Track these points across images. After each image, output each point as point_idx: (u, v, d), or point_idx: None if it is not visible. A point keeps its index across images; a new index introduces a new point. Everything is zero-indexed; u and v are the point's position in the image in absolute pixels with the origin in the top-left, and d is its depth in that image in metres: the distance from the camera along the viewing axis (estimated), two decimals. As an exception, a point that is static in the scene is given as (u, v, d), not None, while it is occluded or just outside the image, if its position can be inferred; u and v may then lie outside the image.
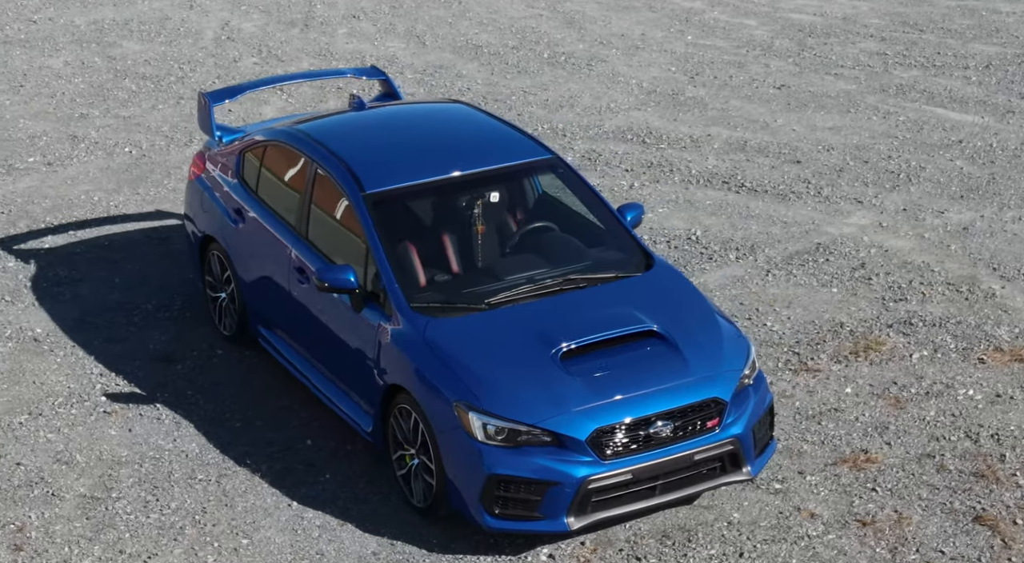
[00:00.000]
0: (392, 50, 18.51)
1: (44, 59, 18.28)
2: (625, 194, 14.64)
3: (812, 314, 12.47)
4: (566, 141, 15.79)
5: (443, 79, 17.57)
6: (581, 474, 9.42)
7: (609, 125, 16.27)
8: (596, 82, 17.51)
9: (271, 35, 19.07)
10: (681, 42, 18.88)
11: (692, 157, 15.48)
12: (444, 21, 19.51)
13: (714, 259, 13.39)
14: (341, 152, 10.93)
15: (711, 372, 9.81)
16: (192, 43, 18.82)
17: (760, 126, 16.28)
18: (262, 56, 18.36)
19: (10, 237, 13.95)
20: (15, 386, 11.55)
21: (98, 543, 9.79)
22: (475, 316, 10.05)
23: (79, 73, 17.84)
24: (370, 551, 9.73)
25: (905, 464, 10.57)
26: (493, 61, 18.16)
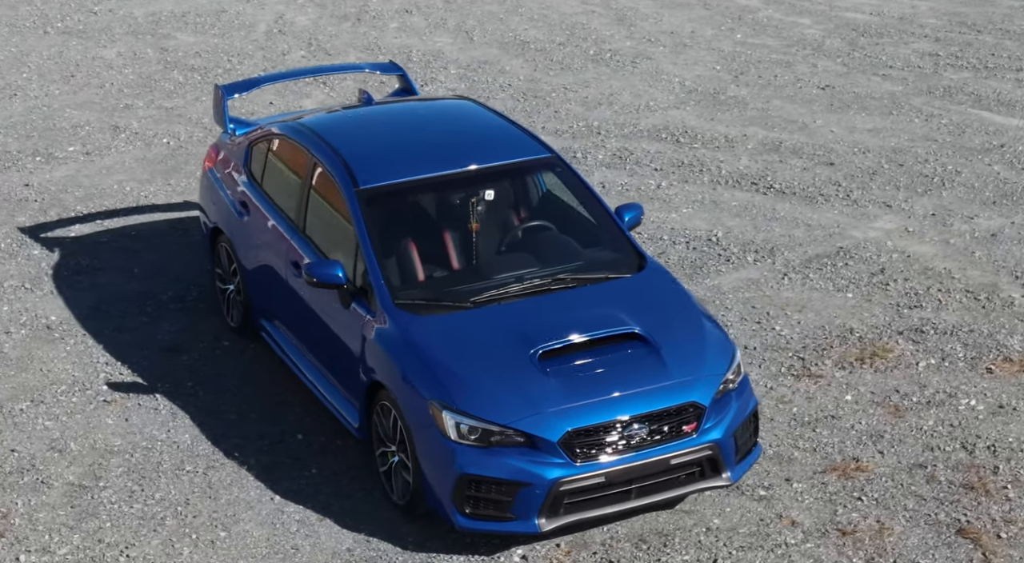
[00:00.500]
0: (439, 45, 18.55)
1: (98, 50, 18.51)
2: (652, 193, 14.57)
3: (823, 319, 12.34)
4: (599, 139, 15.74)
5: (485, 75, 17.58)
6: (552, 476, 9.39)
7: (645, 123, 16.19)
8: (638, 80, 17.43)
9: (322, 29, 19.17)
10: (730, 40, 18.74)
11: (724, 157, 15.37)
12: (496, 17, 19.52)
13: (731, 261, 13.29)
14: (339, 147, 10.97)
15: (691, 376, 9.74)
16: (244, 36, 18.98)
17: (798, 127, 16.12)
18: (311, 50, 18.47)
19: (39, 225, 14.15)
20: (22, 373, 11.72)
21: (79, 532, 9.91)
22: (459, 314, 10.05)
23: (130, 64, 18.04)
24: (345, 547, 9.77)
25: (895, 474, 10.44)
26: (538, 57, 18.14)
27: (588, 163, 15.24)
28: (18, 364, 11.84)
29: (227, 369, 11.78)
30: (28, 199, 14.67)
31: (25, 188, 14.89)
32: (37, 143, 15.86)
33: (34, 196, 14.73)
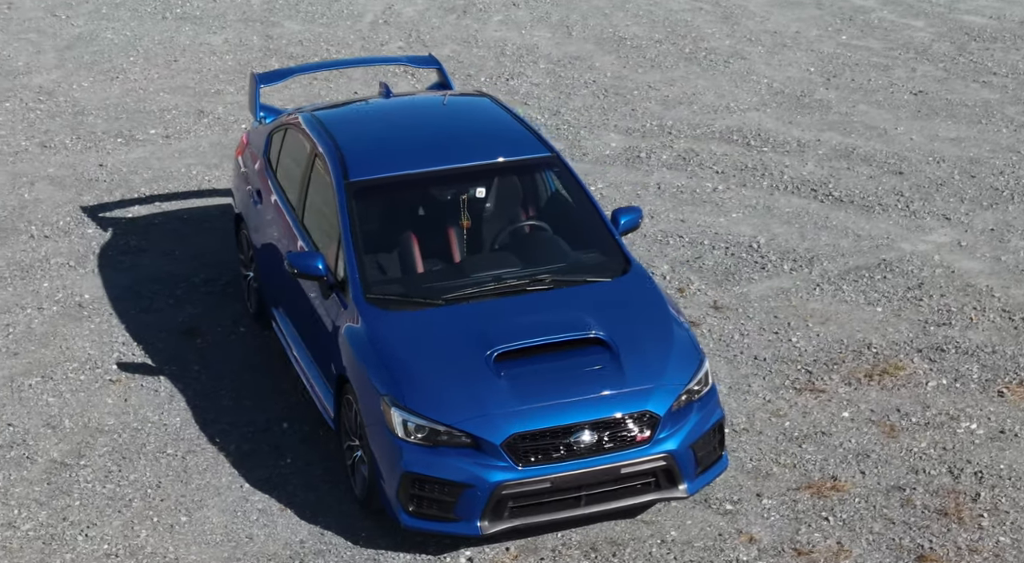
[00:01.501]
0: (536, 39, 18.54)
1: (207, 36, 18.90)
2: (706, 196, 14.40)
3: (844, 333, 12.06)
4: (668, 139, 15.59)
5: (573, 71, 17.53)
6: (495, 479, 9.36)
7: (720, 125, 15.99)
8: (726, 80, 17.21)
9: (427, 20, 19.31)
10: (833, 42, 18.40)
11: (791, 162, 15.11)
12: (601, 12, 19.44)
13: (766, 269, 13.06)
14: (340, 139, 11.07)
15: (648, 385, 9.62)
16: (350, 25, 19.21)
17: (877, 133, 15.76)
18: (409, 41, 18.62)
19: (101, 205, 14.53)
20: (42, 349, 12.06)
21: (47, 508, 10.17)
22: (428, 312, 10.07)
23: (233, 50, 18.39)
24: (298, 539, 9.87)
25: (870, 495, 10.17)
26: (631, 54, 18.02)
27: (650, 163, 15.10)
28: (41, 340, 12.18)
29: (235, 355, 11.96)
30: (99, 179, 15.06)
31: (99, 168, 15.29)
32: (123, 125, 16.26)
33: (105, 176, 15.11)
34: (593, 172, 14.96)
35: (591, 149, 15.49)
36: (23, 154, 15.60)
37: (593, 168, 15.07)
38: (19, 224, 14.10)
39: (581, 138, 15.72)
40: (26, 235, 13.90)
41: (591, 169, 15.03)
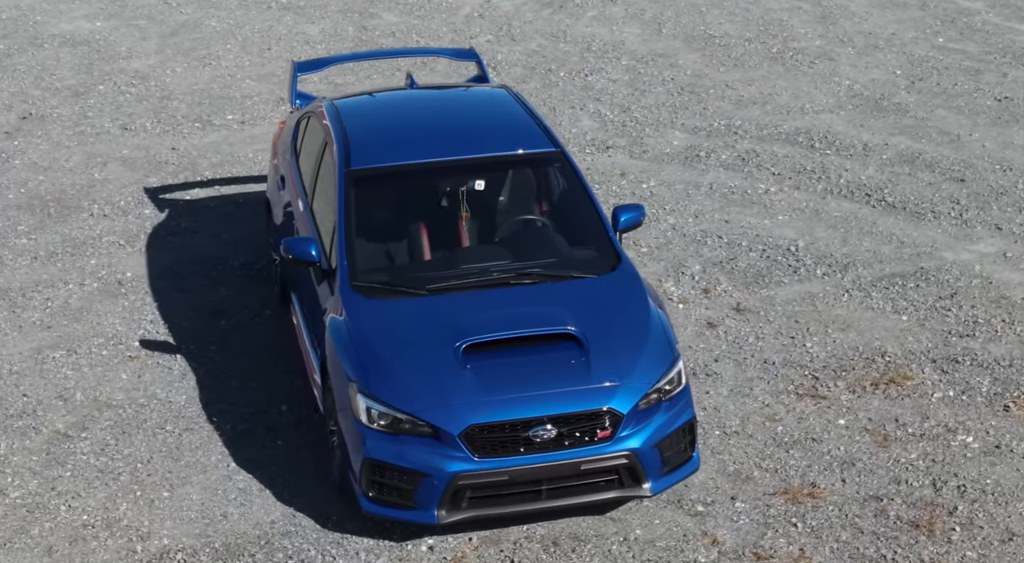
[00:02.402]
0: (625, 36, 18.55)
1: (305, 26, 19.25)
2: (756, 198, 14.31)
3: (862, 340, 11.92)
4: (732, 139, 15.51)
5: (654, 68, 17.51)
6: (452, 469, 9.46)
7: (788, 126, 15.85)
8: (807, 81, 17.05)
9: (521, 15, 19.43)
10: (928, 44, 18.10)
11: (852, 166, 14.93)
12: (697, 9, 19.37)
13: (798, 273, 12.95)
14: (351, 128, 11.26)
15: (614, 382, 9.64)
16: (444, 18, 19.41)
17: (949, 139, 15.50)
18: (499, 35, 18.76)
19: (164, 187, 14.94)
20: (74, 323, 12.47)
21: (38, 477, 10.54)
22: (409, 301, 10.21)
23: (327, 40, 18.72)
24: (270, 519, 10.09)
25: (846, 504, 10.06)
26: (717, 52, 17.94)
27: (708, 163, 15.04)
28: (75, 315, 12.59)
29: (255, 337, 12.23)
30: (168, 162, 15.46)
31: (171, 151, 15.69)
32: (203, 110, 16.66)
33: (175, 160, 15.51)
34: (648, 170, 14.94)
35: (652, 147, 15.47)
36: (104, 135, 16.07)
37: (649, 166, 15.04)
38: (83, 202, 14.54)
39: (644, 135, 15.70)
40: (87, 214, 14.33)
41: (647, 167, 15.02)
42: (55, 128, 16.21)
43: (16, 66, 17.97)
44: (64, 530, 9.97)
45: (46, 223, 14.15)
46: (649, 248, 13.38)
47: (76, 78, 17.52)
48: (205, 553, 9.71)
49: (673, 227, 13.74)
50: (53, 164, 15.37)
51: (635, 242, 13.45)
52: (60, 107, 16.75)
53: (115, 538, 9.88)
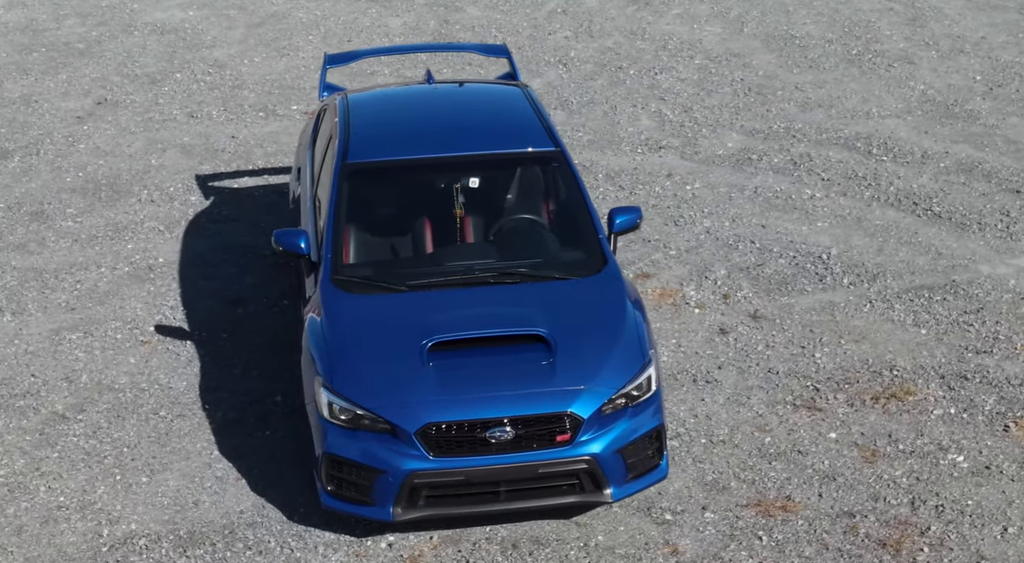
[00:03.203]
0: (704, 35, 18.37)
1: (389, 18, 19.39)
2: (800, 203, 14.07)
3: (873, 352, 11.66)
4: (788, 142, 15.27)
5: (725, 68, 17.31)
6: (407, 467, 9.46)
7: (849, 131, 15.56)
8: (880, 84, 16.71)
9: (604, 11, 19.34)
10: (1016, 49, 17.66)
11: (906, 174, 14.61)
12: (784, 8, 19.11)
13: (824, 281, 12.70)
14: (355, 121, 11.30)
15: (577, 386, 9.54)
16: (528, 13, 19.40)
17: (1015, 149, 15.10)
18: (577, 31, 18.70)
19: (215, 174, 15.15)
20: (97, 306, 12.70)
21: (27, 457, 10.75)
22: (387, 297, 10.22)
23: (407, 33, 18.82)
24: (239, 509, 10.17)
25: (817, 519, 9.85)
26: (794, 53, 17.67)
27: (758, 166, 14.83)
28: (100, 298, 12.82)
29: (268, 326, 12.34)
30: (224, 150, 15.67)
31: (230, 140, 15.90)
32: (270, 100, 16.85)
33: (232, 148, 15.72)
34: (696, 172, 14.76)
35: (705, 148, 15.28)
36: (169, 122, 16.32)
37: (698, 167, 14.87)
38: (134, 188, 14.80)
39: (700, 136, 15.52)
40: (135, 199, 14.58)
41: (696, 168, 14.84)
42: (125, 114, 16.50)
43: (104, 53, 18.33)
44: (39, 511, 10.16)
45: (95, 207, 14.41)
46: (678, 251, 13.22)
47: (157, 66, 17.82)
48: (168, 540, 9.82)
49: (707, 230, 13.56)
50: (115, 149, 15.65)
51: (664, 244, 13.30)
52: (135, 93, 17.05)
53: (85, 521, 10.03)
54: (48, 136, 15.99)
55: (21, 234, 13.91)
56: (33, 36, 19.01)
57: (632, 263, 12.98)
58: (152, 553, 9.67)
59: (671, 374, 11.38)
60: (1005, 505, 9.90)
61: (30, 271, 13.21)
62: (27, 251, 13.59)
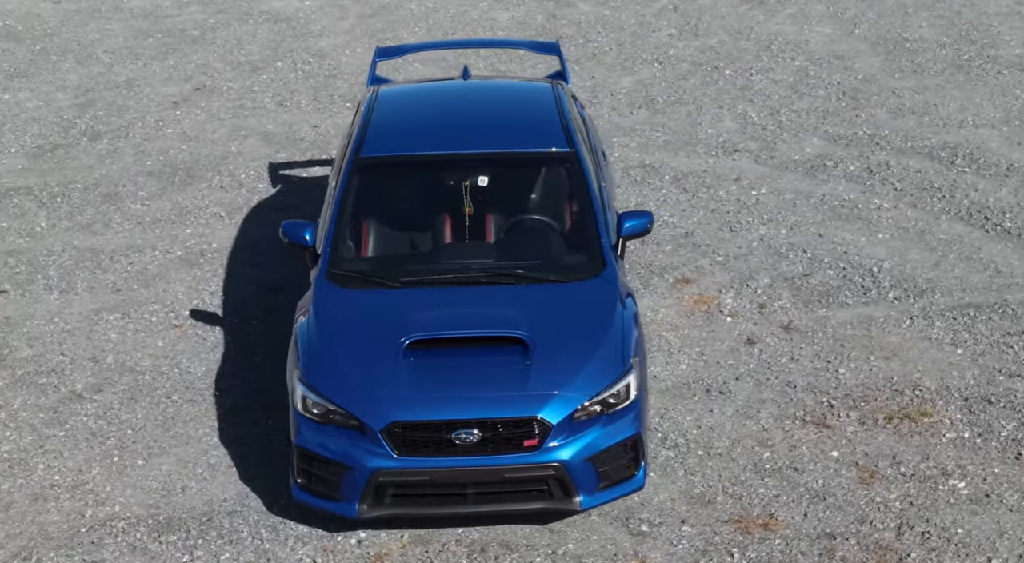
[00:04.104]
0: (812, 35, 18.00)
1: (498, 12, 19.37)
2: (864, 213, 13.70)
3: (901, 371, 11.30)
4: (868, 149, 14.87)
5: (825, 70, 16.94)
6: (372, 464, 9.43)
7: (937, 139, 15.11)
8: (984, 91, 16.19)
9: (715, 9, 19.08)
10: None
11: (984, 186, 14.14)
12: (903, 10, 18.63)
13: (868, 295, 12.35)
14: (377, 115, 11.31)
15: (548, 391, 9.41)
16: (637, 10, 19.24)
17: (1107, 165, 14.47)
18: (682, 29, 18.47)
19: (288, 163, 15.31)
20: (142, 289, 12.93)
21: (34, 434, 10.98)
22: (378, 293, 10.20)
23: (513, 27, 18.78)
24: (223, 497, 10.25)
25: (795, 539, 9.58)
26: (901, 57, 17.22)
27: (832, 173, 14.47)
28: (147, 281, 13.04)
29: (299, 316, 12.38)
30: (304, 139, 15.82)
31: (312, 129, 16.05)
32: (360, 90, 16.95)
33: (312, 137, 15.86)
34: (766, 177, 14.47)
35: (782, 153, 14.96)
36: (258, 110, 16.53)
37: (770, 172, 14.56)
38: (208, 173, 15.02)
39: (779, 141, 15.20)
40: (206, 184, 14.79)
41: (766, 173, 14.54)
42: (218, 101, 16.75)
43: (215, 40, 18.63)
44: (32, 488, 10.35)
45: (166, 191, 14.65)
46: (725, 257, 12.95)
47: (261, 54, 18.05)
48: (146, 524, 9.93)
49: (761, 238, 13.26)
50: (200, 135, 15.89)
51: (714, 250, 13.05)
52: (233, 81, 17.29)
53: (73, 501, 10.20)
54: (140, 120, 16.28)
55: (90, 214, 14.20)
56: (153, 22, 19.39)
57: (675, 268, 12.75)
58: (127, 536, 9.79)
59: (685, 383, 11.15)
60: (996, 536, 9.49)
61: (88, 251, 13.47)
62: (91, 232, 13.86)
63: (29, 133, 16.03)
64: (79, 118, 16.37)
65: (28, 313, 12.48)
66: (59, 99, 16.96)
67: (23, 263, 13.28)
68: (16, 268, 13.22)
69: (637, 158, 14.94)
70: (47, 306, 12.61)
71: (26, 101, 16.93)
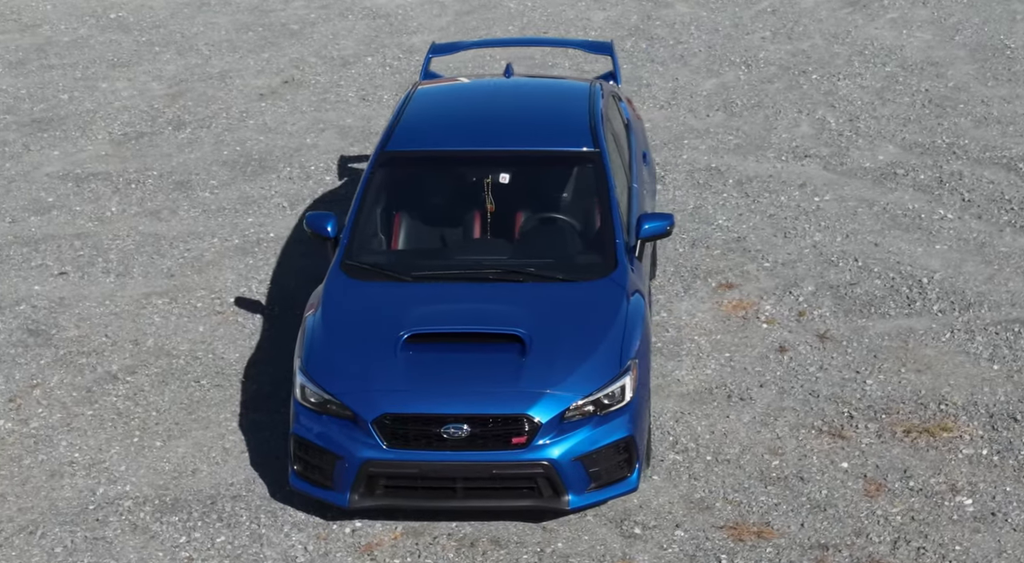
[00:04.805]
0: (909, 41, 17.73)
1: (594, 12, 19.40)
2: (928, 224, 13.45)
3: (930, 384, 11.09)
4: (943, 159, 14.61)
5: (914, 77, 16.68)
6: (362, 454, 9.51)
7: (1017, 151, 14.82)
8: (1074, 104, 15.77)
9: (815, 13, 18.89)
10: None
11: (1058, 199, 13.79)
12: (1010, 17, 18.29)
13: (913, 306, 12.13)
14: (411, 110, 11.40)
15: (539, 389, 9.41)
16: (734, 12, 19.13)
17: None
18: (776, 32, 18.32)
19: (358, 156, 15.48)
20: (195, 275, 13.17)
21: (63, 413, 11.23)
22: (387, 285, 10.28)
23: (606, 27, 18.78)
24: (230, 482, 10.40)
25: (787, 548, 9.46)
26: (997, 65, 16.89)
27: (901, 182, 14.25)
28: (201, 267, 13.28)
29: (340, 307, 12.50)
30: (378, 133, 15.98)
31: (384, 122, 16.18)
32: (449, 86, 17.04)
33: (379, 131, 16.00)
34: (833, 183, 14.28)
35: (853, 160, 14.76)
36: (340, 104, 16.73)
37: (837, 179, 14.37)
38: (279, 165, 15.24)
39: (853, 147, 14.99)
40: (276, 175, 15.02)
41: (833, 180, 14.35)
42: (303, 94, 16.98)
43: (313, 34, 18.90)
44: (50, 465, 10.61)
45: (236, 180, 14.90)
46: (774, 263, 12.81)
47: (354, 49, 18.26)
48: (151, 504, 10.12)
49: (814, 245, 13.09)
50: (279, 127, 16.12)
51: (764, 256, 12.91)
52: (322, 75, 17.52)
53: (88, 479, 10.43)
54: (225, 111, 16.57)
55: (160, 201, 14.49)
56: (258, 16, 19.71)
57: (721, 272, 12.63)
58: (131, 515, 9.97)
59: (707, 388, 11.05)
60: (994, 555, 9.26)
61: (150, 237, 13.75)
62: (157, 218, 14.15)
63: (118, 121, 16.39)
64: (168, 108, 16.69)
65: (82, 295, 12.77)
66: (153, 89, 17.31)
67: (87, 246, 13.58)
68: (80, 251, 13.52)
69: (704, 161, 14.81)
70: (102, 288, 12.89)
71: (122, 90, 17.32)
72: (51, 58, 18.43)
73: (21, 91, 17.39)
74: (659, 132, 15.54)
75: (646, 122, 15.69)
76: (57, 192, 14.72)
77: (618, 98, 12.26)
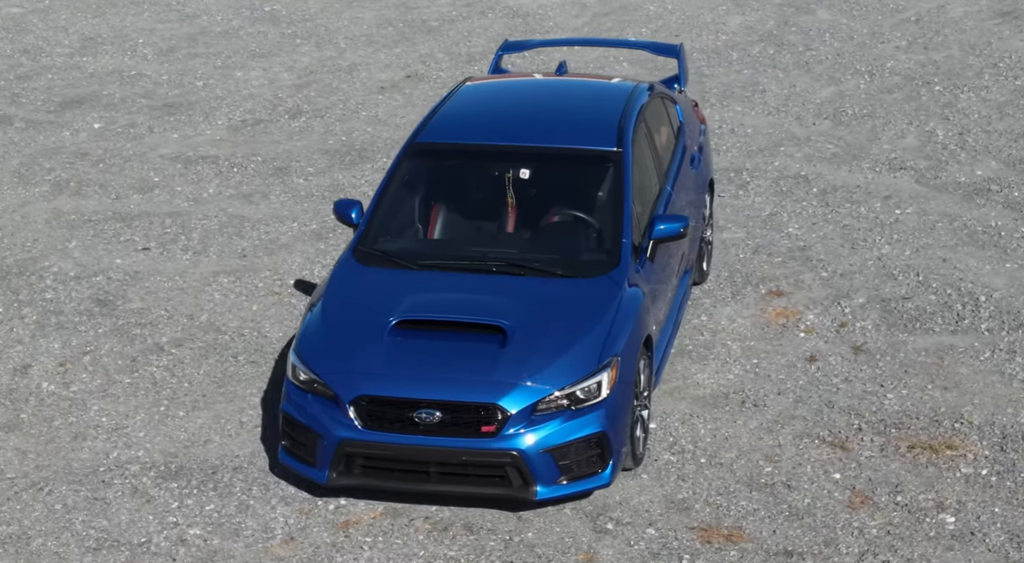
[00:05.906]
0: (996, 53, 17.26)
1: (732, 16, 19.48)
2: (1006, 242, 13.16)
3: (954, 402, 10.88)
4: (973, 159, 14.24)
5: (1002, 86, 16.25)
6: (339, 434, 9.74)
7: (1116, 170, 14.32)
8: None
9: (960, 23, 18.61)
10: None
11: None
12: None
13: (960, 323, 11.89)
14: (451, 105, 11.60)
15: (512, 380, 9.53)
16: (875, 20, 18.94)
17: None
18: (913, 41, 18.05)
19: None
20: (265, 257, 13.58)
21: (104, 379, 11.66)
22: (392, 272, 10.47)
23: (739, 32, 18.78)
24: (236, 454, 10.66)
25: (751, 553, 9.40)
26: (1122, 86, 16.34)
27: (993, 198, 13.96)
28: (273, 250, 13.68)
29: (392, 295, 12.77)
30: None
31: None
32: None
33: (406, 122, 16.21)
34: (919, 196, 14.04)
35: (948, 174, 14.49)
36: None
37: (926, 193, 14.12)
38: (377, 155, 15.61)
39: (953, 161, 14.71)
40: (371, 165, 15.39)
41: (921, 193, 14.11)
42: (421, 88, 17.32)
43: (449, 31, 19.25)
44: (77, 427, 11.08)
45: (333, 168, 15.29)
46: (831, 274, 12.66)
47: (484, 46, 18.54)
48: (156, 470, 10.50)
49: (879, 257, 12.89)
50: (389, 119, 16.48)
51: (824, 266, 12.78)
52: (445, 71, 17.84)
53: (106, 442, 10.86)
54: (343, 102, 16.98)
55: (256, 185, 14.94)
56: (402, 12, 20.13)
57: (774, 280, 12.53)
58: (135, 479, 10.36)
59: (724, 392, 11.00)
60: (961, 577, 9.04)
61: (236, 218, 14.20)
62: (249, 201, 14.60)
63: (241, 108, 16.92)
64: (291, 97, 17.17)
65: (157, 270, 13.26)
66: (283, 79, 17.82)
67: (176, 224, 14.09)
68: (168, 228, 14.03)
69: (795, 169, 14.67)
70: (176, 265, 13.36)
71: (254, 79, 17.86)
72: (199, 47, 19.08)
73: (163, 77, 18.05)
74: (759, 139, 15.42)
75: (748, 128, 15.60)
76: (165, 172, 15.26)
77: (672, 101, 12.23)
